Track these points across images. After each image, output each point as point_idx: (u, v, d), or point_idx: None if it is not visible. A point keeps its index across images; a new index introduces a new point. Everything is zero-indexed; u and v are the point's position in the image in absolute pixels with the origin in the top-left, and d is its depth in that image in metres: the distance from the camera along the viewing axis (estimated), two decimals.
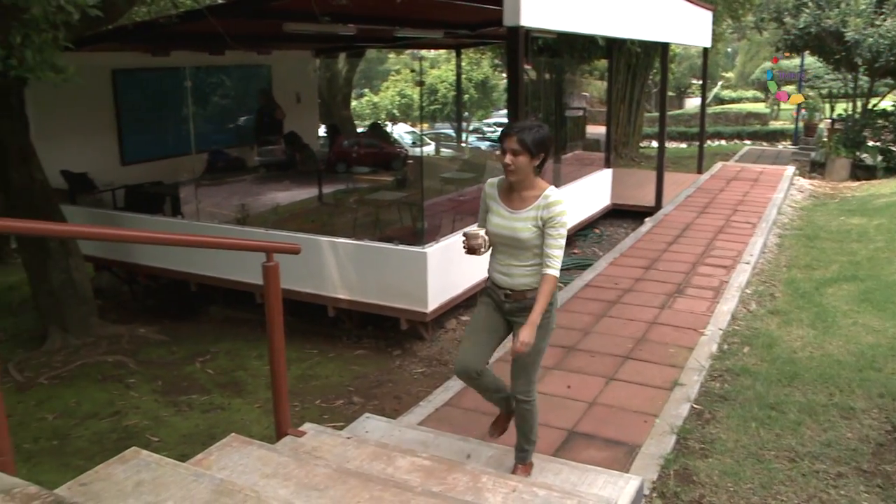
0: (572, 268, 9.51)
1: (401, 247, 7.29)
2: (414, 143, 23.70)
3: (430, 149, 26.14)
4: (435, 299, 7.23)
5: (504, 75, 30.46)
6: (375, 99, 38.28)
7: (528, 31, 6.85)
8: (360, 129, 20.05)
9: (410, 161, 13.77)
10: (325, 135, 16.54)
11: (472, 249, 3.74)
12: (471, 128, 31.63)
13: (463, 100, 28.77)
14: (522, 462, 4.03)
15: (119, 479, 3.03)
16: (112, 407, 6.58)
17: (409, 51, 32.10)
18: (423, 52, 32.31)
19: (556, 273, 3.58)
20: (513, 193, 3.68)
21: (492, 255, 3.82)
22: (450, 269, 7.36)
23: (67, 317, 8.16)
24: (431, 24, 11.38)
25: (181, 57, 11.10)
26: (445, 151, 24.28)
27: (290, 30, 9.18)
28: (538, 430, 4.04)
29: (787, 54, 21.94)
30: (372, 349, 7.55)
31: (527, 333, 3.51)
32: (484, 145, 26.42)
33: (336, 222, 9.72)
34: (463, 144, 22.96)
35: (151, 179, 10.61)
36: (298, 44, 13.20)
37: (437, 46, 21.66)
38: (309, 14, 7.96)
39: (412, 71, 36.34)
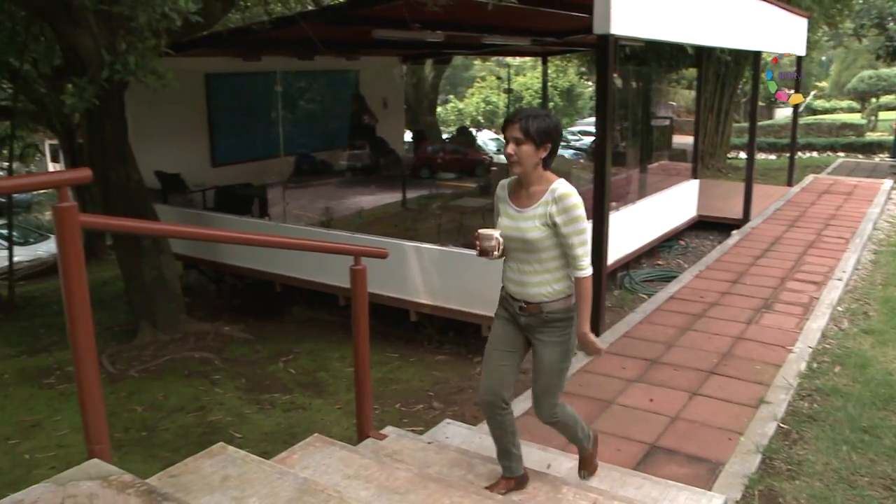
0: (656, 279, 9.37)
1: None
2: (498, 149, 23.69)
3: None
4: None
5: (590, 83, 30.30)
6: (460, 105, 38.53)
7: (618, 39, 6.75)
8: (445, 135, 20.15)
9: (494, 168, 13.75)
10: (411, 140, 16.69)
11: (484, 251, 3.43)
12: None
13: (548, 107, 28.67)
14: (584, 453, 3.96)
15: (206, 473, 3.11)
16: (197, 402, 6.76)
17: (494, 57, 32.21)
18: (509, 60, 32.33)
19: (588, 273, 3.33)
20: (520, 190, 3.43)
21: (505, 262, 3.55)
22: None
23: (157, 312, 8.43)
24: (519, 32, 11.37)
25: (272, 62, 11.34)
26: None
27: (379, 36, 9.29)
28: (591, 431, 3.97)
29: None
30: (453, 355, 7.57)
31: (590, 345, 3.48)
32: (568, 153, 26.21)
33: (419, 227, 9.78)
34: None
35: (240, 181, 10.87)
36: (386, 50, 13.35)
37: (523, 54, 21.70)
38: (399, 20, 8.05)
39: (498, 78, 36.38)
